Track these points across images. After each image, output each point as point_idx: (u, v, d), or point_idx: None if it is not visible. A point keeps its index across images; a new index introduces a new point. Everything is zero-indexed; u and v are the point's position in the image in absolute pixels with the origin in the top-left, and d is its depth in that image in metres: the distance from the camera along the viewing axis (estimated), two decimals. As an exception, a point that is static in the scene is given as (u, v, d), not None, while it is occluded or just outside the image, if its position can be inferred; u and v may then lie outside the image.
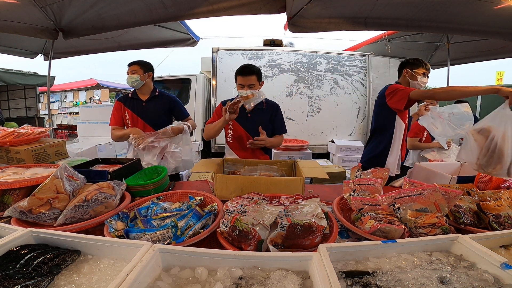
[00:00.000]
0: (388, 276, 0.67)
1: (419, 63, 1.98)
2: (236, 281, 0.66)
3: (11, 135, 1.73)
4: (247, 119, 1.98)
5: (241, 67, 1.88)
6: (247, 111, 1.97)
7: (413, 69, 1.98)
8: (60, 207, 1.06)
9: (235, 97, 1.84)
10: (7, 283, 0.61)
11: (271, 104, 2.05)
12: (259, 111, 2.00)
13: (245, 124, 1.98)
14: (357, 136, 4.81)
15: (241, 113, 1.96)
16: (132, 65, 2.09)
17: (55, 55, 3.72)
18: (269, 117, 2.02)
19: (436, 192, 0.97)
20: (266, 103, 2.03)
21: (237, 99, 1.79)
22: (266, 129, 2.01)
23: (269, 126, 2.03)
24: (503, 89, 1.30)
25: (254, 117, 1.98)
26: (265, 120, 2.00)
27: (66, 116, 11.75)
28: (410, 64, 2.01)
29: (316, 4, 2.38)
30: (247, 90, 1.82)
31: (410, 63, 2.02)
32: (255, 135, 1.96)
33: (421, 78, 1.97)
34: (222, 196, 1.29)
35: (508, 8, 2.25)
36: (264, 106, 2.01)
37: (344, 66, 4.68)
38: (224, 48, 4.53)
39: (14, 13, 2.55)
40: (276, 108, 2.05)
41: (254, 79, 1.84)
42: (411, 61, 2.01)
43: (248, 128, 1.98)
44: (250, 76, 1.83)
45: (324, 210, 0.96)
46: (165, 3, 2.47)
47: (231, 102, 1.79)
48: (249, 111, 1.97)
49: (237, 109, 1.79)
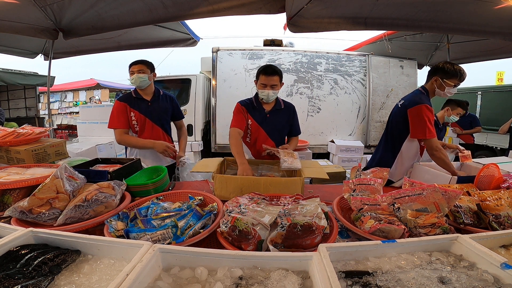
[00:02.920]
0: (388, 276, 0.67)
1: (454, 73, 1.68)
2: (236, 281, 0.66)
3: (11, 135, 1.73)
4: (266, 120, 1.98)
5: (264, 66, 1.87)
6: (266, 111, 1.98)
7: (445, 78, 1.70)
8: (60, 207, 1.06)
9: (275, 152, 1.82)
10: (7, 283, 0.61)
11: (288, 105, 2.06)
12: (277, 112, 2.00)
13: (264, 125, 1.98)
14: (357, 136, 4.81)
15: (260, 114, 1.97)
16: (138, 64, 2.04)
17: (55, 55, 3.72)
18: (287, 118, 2.03)
19: (436, 192, 0.97)
20: (284, 104, 2.04)
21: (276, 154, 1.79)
22: (283, 130, 2.04)
23: (286, 127, 2.05)
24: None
25: (272, 117, 1.98)
26: (283, 121, 2.02)
27: (66, 116, 11.75)
28: (444, 72, 1.71)
29: (316, 4, 2.38)
30: (283, 151, 1.73)
31: (443, 71, 1.71)
32: (274, 135, 1.98)
33: (449, 89, 1.71)
34: (222, 196, 1.29)
35: (508, 8, 2.25)
36: (282, 107, 2.01)
37: (344, 66, 4.68)
38: (224, 48, 4.53)
39: (14, 13, 2.55)
40: (293, 110, 2.07)
41: (277, 79, 1.84)
42: (446, 69, 1.70)
43: (267, 128, 1.98)
44: (273, 76, 1.82)
45: (324, 210, 0.96)
46: (165, 3, 2.47)
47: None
48: (268, 111, 1.98)
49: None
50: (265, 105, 1.99)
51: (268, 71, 1.82)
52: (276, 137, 2.00)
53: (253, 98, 2.01)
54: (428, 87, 1.82)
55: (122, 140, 2.08)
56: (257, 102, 1.99)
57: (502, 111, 5.62)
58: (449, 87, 1.70)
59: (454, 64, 1.72)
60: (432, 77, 1.78)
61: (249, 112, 1.99)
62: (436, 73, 1.75)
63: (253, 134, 2.00)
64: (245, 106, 1.99)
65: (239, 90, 4.42)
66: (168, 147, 2.03)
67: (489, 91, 6.22)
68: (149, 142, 2.05)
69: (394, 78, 4.79)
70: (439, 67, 1.75)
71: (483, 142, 5.76)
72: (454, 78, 1.69)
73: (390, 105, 4.87)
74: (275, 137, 1.99)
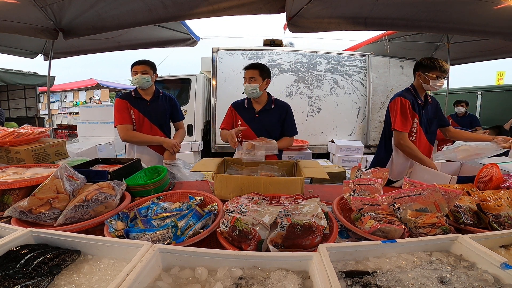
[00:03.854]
0: (388, 276, 0.67)
1: (433, 66, 1.77)
2: (236, 281, 0.66)
3: (11, 135, 1.73)
4: (255, 120, 1.98)
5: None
6: (256, 111, 1.98)
7: (426, 72, 1.79)
8: (60, 207, 1.06)
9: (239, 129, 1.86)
10: (7, 283, 0.61)
11: (281, 104, 2.05)
12: (267, 111, 2.00)
13: (252, 124, 1.98)
14: (357, 136, 4.81)
15: (249, 113, 1.98)
16: (141, 65, 2.03)
17: (55, 55, 3.73)
18: (278, 118, 2.02)
19: (436, 192, 0.97)
20: (275, 103, 2.03)
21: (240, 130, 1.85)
22: (273, 130, 2.02)
23: (277, 127, 2.02)
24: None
25: (261, 117, 1.99)
26: (273, 120, 2.00)
27: (66, 116, 11.74)
28: (423, 67, 1.81)
29: (316, 4, 2.38)
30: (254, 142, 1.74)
31: (422, 66, 1.82)
32: (262, 135, 1.96)
33: (434, 82, 1.77)
34: (221, 196, 1.29)
35: (508, 8, 2.25)
36: (272, 106, 2.01)
37: (344, 66, 4.68)
38: (224, 48, 4.53)
39: (14, 13, 2.55)
40: (287, 109, 2.05)
41: (256, 73, 1.89)
42: (424, 63, 1.81)
43: (255, 128, 1.98)
44: (251, 70, 1.90)
45: (324, 210, 0.96)
46: (165, 3, 2.47)
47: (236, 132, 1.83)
48: (257, 111, 1.98)
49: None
50: (255, 104, 2.00)
51: (247, 66, 1.92)
52: (265, 136, 1.98)
53: (246, 98, 2.06)
54: (415, 83, 1.92)
55: (129, 136, 2.04)
56: (248, 102, 2.03)
57: (502, 111, 5.63)
58: (433, 80, 1.78)
59: (432, 58, 1.81)
60: (415, 74, 1.89)
61: (238, 112, 2.03)
62: (418, 69, 1.86)
63: (243, 134, 2.00)
64: (235, 107, 2.05)
65: (239, 90, 4.39)
66: (176, 146, 2.04)
67: (489, 91, 6.23)
68: (157, 137, 2.07)
69: (394, 78, 4.79)
70: (418, 62, 1.88)
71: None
72: (434, 70, 1.77)
73: (390, 105, 4.87)
74: (263, 136, 1.97)
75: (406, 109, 1.81)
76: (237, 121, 2.02)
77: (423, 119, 1.89)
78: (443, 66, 1.76)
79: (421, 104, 1.88)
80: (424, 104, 1.89)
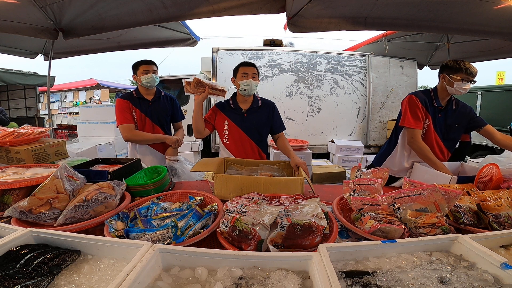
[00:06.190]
0: (388, 276, 0.67)
1: (458, 67, 1.71)
2: (236, 281, 0.66)
3: (11, 135, 1.73)
4: (243, 119, 1.96)
5: (242, 62, 1.96)
6: (244, 110, 1.97)
7: (451, 74, 1.73)
8: (60, 207, 1.06)
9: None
10: (7, 283, 0.61)
11: (267, 102, 2.05)
12: (255, 110, 1.99)
13: (241, 124, 1.96)
14: (357, 136, 4.81)
15: (236, 113, 1.96)
16: (151, 64, 2.05)
17: (55, 55, 3.72)
18: (267, 116, 2.01)
19: (436, 192, 0.97)
20: (262, 101, 2.02)
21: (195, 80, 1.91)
22: (263, 128, 2.01)
23: (267, 125, 2.02)
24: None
25: (250, 116, 1.97)
26: (262, 119, 2.00)
27: (66, 116, 11.75)
28: (448, 68, 1.76)
29: (316, 4, 2.38)
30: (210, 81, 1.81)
31: (448, 67, 1.76)
32: (253, 134, 1.96)
33: (459, 85, 1.71)
34: (221, 196, 1.29)
35: (508, 8, 2.25)
36: (260, 104, 2.00)
37: (344, 66, 4.68)
38: (224, 48, 4.53)
39: (14, 13, 2.55)
40: (273, 107, 2.05)
41: (255, 70, 1.91)
42: (450, 65, 1.76)
43: (245, 128, 1.97)
44: (251, 67, 1.90)
45: (324, 210, 0.96)
46: (165, 3, 2.47)
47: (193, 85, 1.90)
48: (245, 110, 1.97)
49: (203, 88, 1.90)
50: (242, 104, 1.98)
51: (246, 63, 1.91)
52: (256, 136, 1.99)
53: (230, 99, 2.03)
54: (438, 86, 1.86)
55: (133, 135, 2.04)
56: (234, 103, 2.00)
57: (502, 111, 5.62)
58: (458, 82, 1.72)
59: (458, 60, 1.76)
60: (440, 76, 1.84)
61: (224, 113, 1.99)
62: (443, 71, 1.81)
63: (231, 134, 1.98)
64: (220, 107, 2.02)
65: (239, 90, 4.42)
66: (178, 141, 2.08)
67: (489, 91, 6.22)
68: (160, 135, 2.10)
69: (394, 78, 4.79)
70: (443, 64, 1.82)
71: (483, 142, 5.75)
72: (459, 72, 1.71)
73: (390, 105, 4.87)
74: (254, 136, 1.98)
75: (416, 106, 1.79)
76: (223, 121, 1.98)
77: (438, 122, 1.84)
78: (469, 68, 1.70)
79: (437, 107, 1.82)
80: (443, 108, 1.83)
